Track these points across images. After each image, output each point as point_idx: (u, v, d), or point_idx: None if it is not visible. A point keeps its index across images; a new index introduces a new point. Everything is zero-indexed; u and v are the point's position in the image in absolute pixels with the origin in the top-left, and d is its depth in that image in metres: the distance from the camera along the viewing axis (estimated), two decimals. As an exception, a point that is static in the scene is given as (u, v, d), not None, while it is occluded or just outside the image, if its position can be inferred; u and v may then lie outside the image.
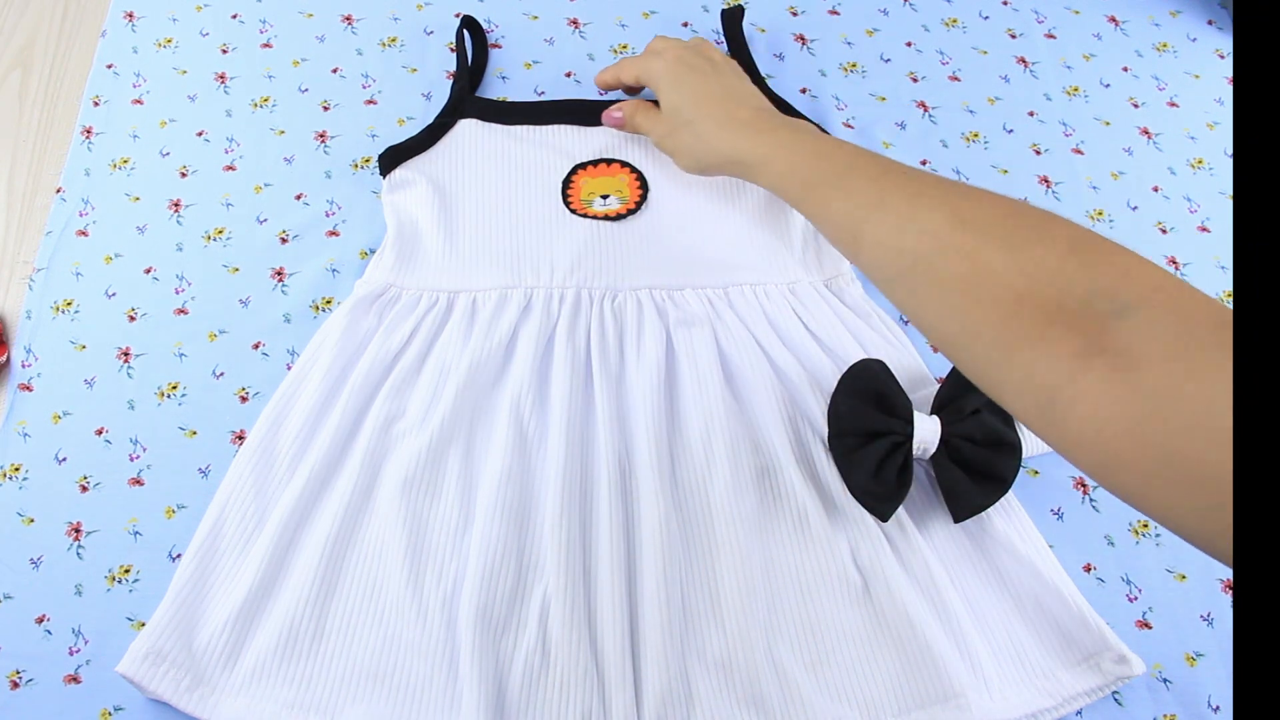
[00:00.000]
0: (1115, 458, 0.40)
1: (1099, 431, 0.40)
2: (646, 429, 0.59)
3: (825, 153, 0.56)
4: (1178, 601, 0.60)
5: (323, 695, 0.53)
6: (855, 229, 0.52)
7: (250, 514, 0.57)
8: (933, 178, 0.51)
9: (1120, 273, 0.42)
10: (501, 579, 0.55)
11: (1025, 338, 0.43)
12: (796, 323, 0.64)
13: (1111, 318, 0.41)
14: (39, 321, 0.64)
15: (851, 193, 0.53)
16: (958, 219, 0.47)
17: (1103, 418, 0.40)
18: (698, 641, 0.55)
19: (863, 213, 0.52)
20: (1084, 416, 0.40)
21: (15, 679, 0.54)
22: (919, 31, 0.82)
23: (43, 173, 0.70)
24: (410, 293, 0.64)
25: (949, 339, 0.47)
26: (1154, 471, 0.38)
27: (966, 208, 0.48)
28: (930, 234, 0.48)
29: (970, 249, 0.46)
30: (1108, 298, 0.41)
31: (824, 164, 0.55)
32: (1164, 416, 0.37)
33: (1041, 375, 0.42)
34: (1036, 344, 0.43)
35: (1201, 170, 0.77)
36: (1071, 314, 0.42)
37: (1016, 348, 0.43)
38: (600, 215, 0.68)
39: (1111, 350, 0.40)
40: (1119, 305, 0.41)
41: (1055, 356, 0.42)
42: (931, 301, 0.48)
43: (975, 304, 0.45)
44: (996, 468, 0.57)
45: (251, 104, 0.73)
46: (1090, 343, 0.41)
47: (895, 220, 0.49)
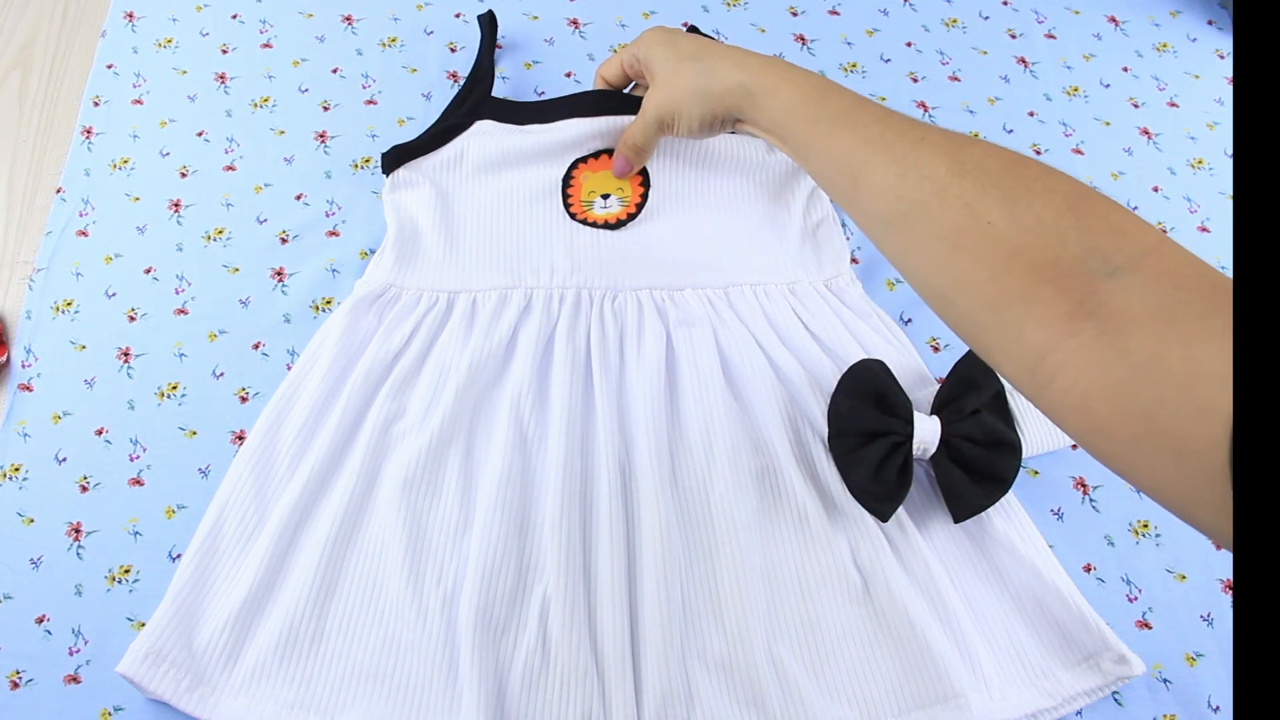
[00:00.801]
0: (1100, 425, 0.39)
1: (1084, 397, 0.39)
2: (647, 429, 0.59)
3: (832, 91, 0.55)
4: (1178, 601, 0.60)
5: (323, 695, 0.53)
6: (854, 169, 0.51)
7: (250, 514, 0.57)
8: (937, 127, 0.50)
9: (1116, 233, 0.42)
10: (501, 579, 0.55)
11: (1016, 295, 0.42)
12: (796, 323, 0.64)
13: (1103, 278, 0.40)
14: (39, 321, 0.64)
15: (855, 131, 0.51)
16: (960, 166, 0.46)
17: (1088, 383, 0.39)
18: (698, 641, 0.55)
19: (864, 153, 0.50)
20: (1070, 381, 0.40)
21: (15, 679, 0.54)
22: (919, 31, 0.82)
23: (43, 173, 0.70)
24: (410, 293, 0.64)
25: (939, 292, 0.46)
26: (1137, 440, 0.38)
27: (969, 156, 0.46)
28: (931, 180, 0.46)
29: (970, 198, 0.45)
30: (1101, 257, 0.41)
31: (829, 101, 0.54)
32: (1147, 384, 0.37)
33: (1030, 336, 0.42)
34: (1027, 303, 0.42)
35: (1201, 170, 0.77)
36: (1063, 272, 0.41)
37: (1006, 305, 0.43)
38: (600, 221, 0.67)
39: (1101, 313, 0.40)
40: (1111, 266, 0.40)
41: (1044, 318, 0.41)
42: (925, 252, 0.47)
43: (969, 256, 0.44)
44: (996, 468, 0.57)
45: (251, 104, 0.73)
46: (1080, 304, 0.40)
47: (896, 164, 0.48)
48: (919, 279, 0.47)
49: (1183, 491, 0.37)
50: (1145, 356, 0.37)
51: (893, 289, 0.69)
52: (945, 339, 0.67)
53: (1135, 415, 0.37)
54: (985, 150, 0.47)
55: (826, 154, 0.52)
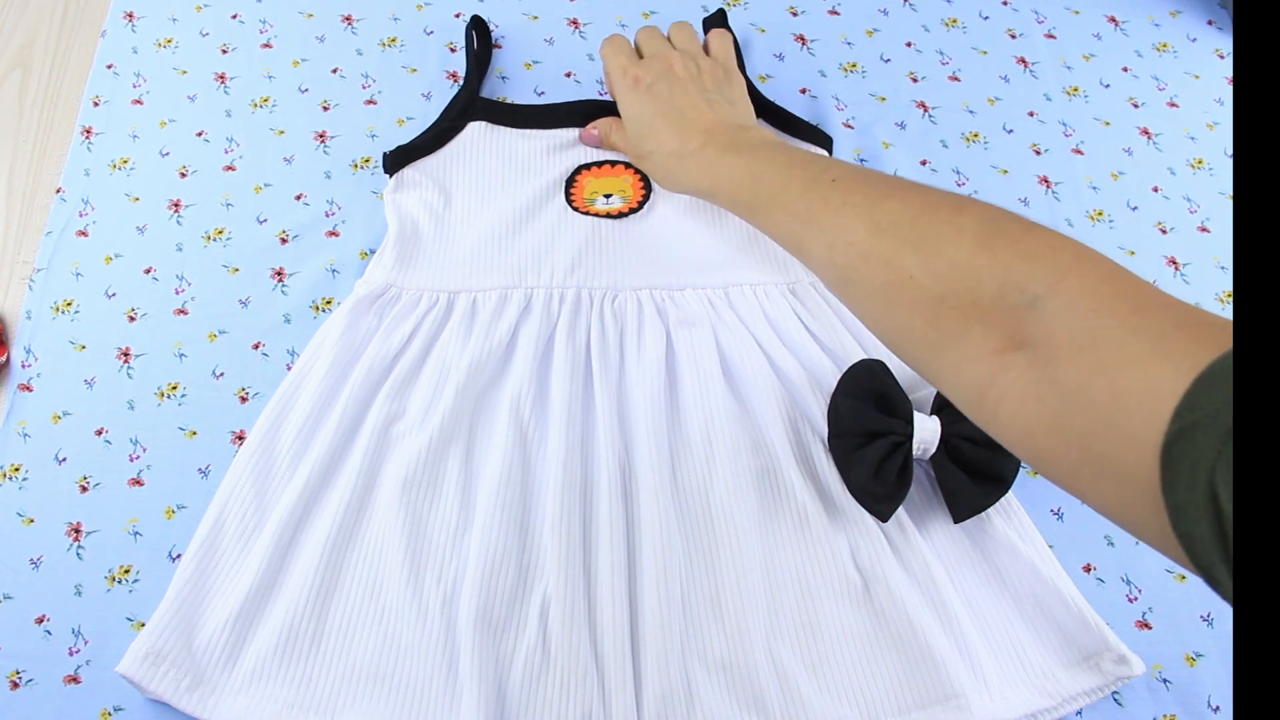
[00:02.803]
0: (1044, 454, 0.40)
1: (1026, 428, 0.41)
2: (647, 429, 0.59)
3: (760, 174, 0.58)
4: (1178, 601, 0.60)
5: (323, 695, 0.53)
6: (797, 244, 0.55)
7: (250, 514, 0.57)
8: (856, 183, 0.52)
9: (1028, 260, 0.43)
10: (501, 579, 0.55)
11: (949, 337, 0.44)
12: (796, 323, 0.64)
13: (1025, 309, 0.41)
14: (39, 321, 0.64)
15: (786, 210, 0.55)
16: (874, 226, 0.49)
17: (1027, 415, 0.40)
18: (698, 641, 0.55)
19: (798, 229, 0.54)
20: (1010, 414, 0.41)
21: (15, 679, 0.54)
22: (919, 31, 0.82)
23: (43, 173, 0.70)
24: (410, 293, 0.64)
25: (888, 340, 0.50)
26: (1077, 467, 0.39)
27: (884, 213, 0.49)
28: (854, 245, 0.50)
29: (889, 255, 0.48)
30: (1018, 289, 0.42)
31: (760, 186, 0.58)
32: (1079, 414, 0.38)
33: (968, 374, 0.43)
34: (960, 343, 0.44)
35: (1201, 170, 0.77)
36: (987, 310, 0.43)
37: (943, 347, 0.45)
38: (602, 213, 0.68)
39: (1029, 344, 0.41)
40: (1029, 296, 0.41)
41: (977, 355, 0.43)
42: (866, 307, 0.50)
43: (901, 308, 0.47)
44: (996, 468, 0.57)
45: (251, 104, 0.73)
46: (1009, 337, 0.41)
47: (824, 236, 0.52)
48: (870, 329, 0.51)
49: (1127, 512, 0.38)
50: (1074, 387, 0.38)
51: (893, 289, 0.69)
52: (945, 339, 0.67)
53: (1072, 444, 0.38)
54: (900, 202, 0.49)
55: (773, 233, 0.58)
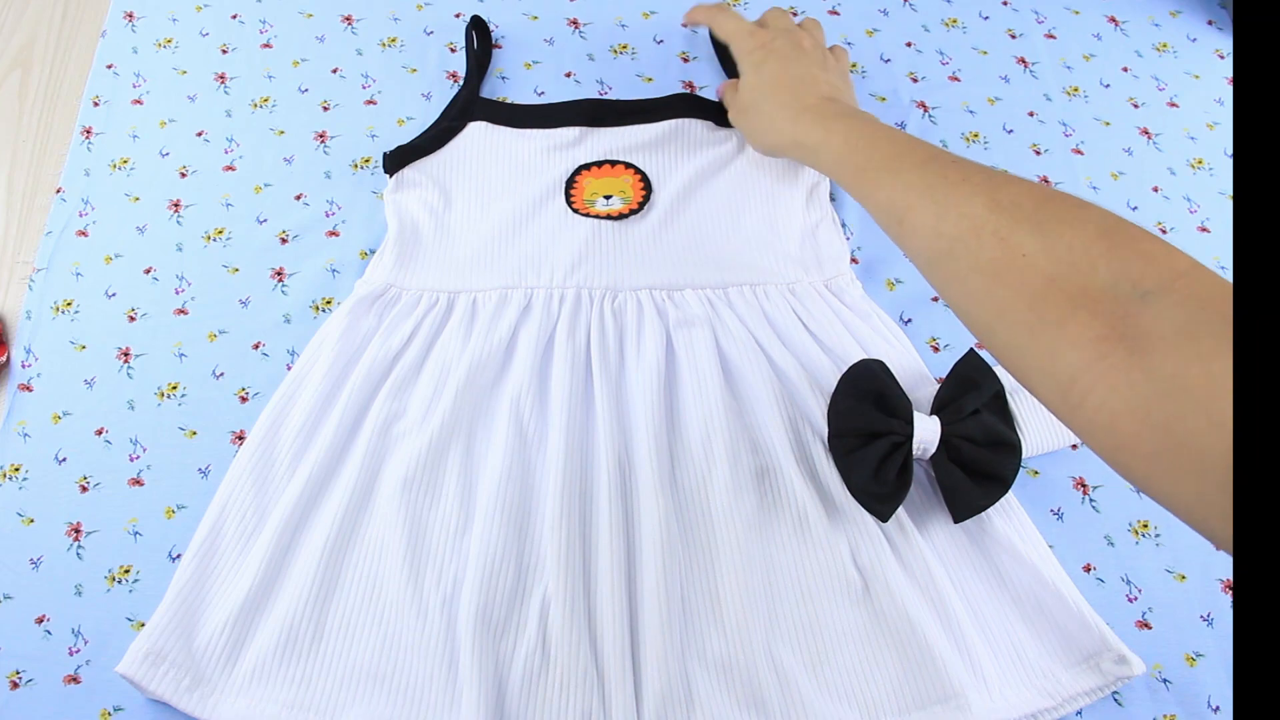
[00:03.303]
0: (1124, 442, 0.41)
1: (1111, 416, 0.41)
2: (646, 429, 0.59)
3: (878, 140, 0.59)
4: (1178, 601, 0.60)
5: (323, 695, 0.53)
6: (900, 213, 0.54)
7: (250, 514, 0.57)
8: (976, 167, 0.53)
9: (1145, 259, 0.43)
10: (501, 579, 0.55)
11: (1051, 321, 0.44)
12: (796, 323, 0.64)
13: (1134, 302, 0.42)
14: (39, 321, 0.64)
15: (899, 178, 0.55)
16: (994, 204, 0.49)
17: (1115, 402, 0.41)
18: (698, 641, 0.55)
19: (908, 198, 0.54)
20: (1099, 402, 0.41)
21: (15, 679, 0.54)
22: (919, 31, 0.82)
23: (43, 173, 0.70)
24: (410, 293, 0.64)
25: (980, 322, 0.49)
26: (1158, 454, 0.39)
27: (1004, 193, 0.50)
28: (968, 218, 0.50)
29: (1005, 233, 0.48)
30: (1131, 282, 0.43)
31: (875, 151, 0.58)
32: (1168, 400, 0.38)
33: (1063, 359, 0.43)
34: (1061, 327, 0.44)
35: (1201, 170, 0.77)
36: (1096, 298, 0.43)
37: (1042, 331, 0.45)
38: (603, 215, 0.68)
39: (1131, 335, 0.41)
40: (1142, 290, 0.42)
41: (1078, 341, 0.43)
42: (966, 284, 0.50)
43: (1006, 287, 0.47)
44: (996, 468, 0.57)
45: (251, 104, 0.73)
46: (1112, 328, 0.42)
47: (937, 206, 0.52)
48: (962, 309, 0.51)
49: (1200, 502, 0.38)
50: (1168, 374, 0.39)
51: (893, 289, 0.69)
52: (945, 339, 0.67)
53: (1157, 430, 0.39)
54: (1021, 188, 0.50)
55: (874, 199, 0.57)
